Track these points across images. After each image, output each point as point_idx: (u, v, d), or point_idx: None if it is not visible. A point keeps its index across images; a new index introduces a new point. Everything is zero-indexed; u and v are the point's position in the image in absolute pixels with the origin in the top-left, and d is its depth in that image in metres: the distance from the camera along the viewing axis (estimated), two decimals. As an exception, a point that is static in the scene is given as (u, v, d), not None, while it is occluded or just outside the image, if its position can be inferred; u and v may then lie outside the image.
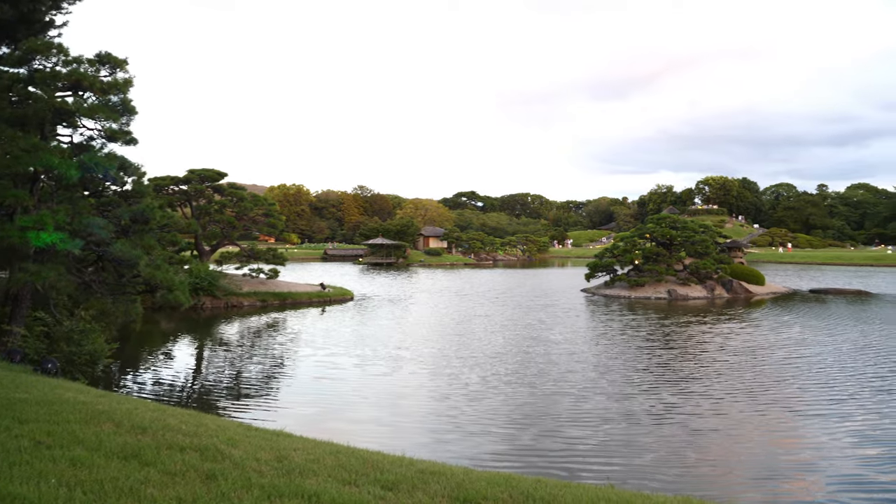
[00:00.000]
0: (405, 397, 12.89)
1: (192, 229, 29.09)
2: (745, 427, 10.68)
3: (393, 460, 6.57)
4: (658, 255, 37.21)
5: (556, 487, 6.06)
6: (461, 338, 20.08)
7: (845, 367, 15.63)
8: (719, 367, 15.63)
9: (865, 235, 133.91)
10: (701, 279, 36.27)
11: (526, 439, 9.96)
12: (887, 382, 13.84)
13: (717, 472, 8.81)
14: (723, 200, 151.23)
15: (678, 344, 19.10)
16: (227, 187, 33.27)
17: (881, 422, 10.91)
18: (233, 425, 8.01)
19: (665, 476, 8.58)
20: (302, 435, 8.06)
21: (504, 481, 5.98)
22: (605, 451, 9.45)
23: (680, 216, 49.66)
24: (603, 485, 7.36)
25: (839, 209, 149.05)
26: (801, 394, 12.90)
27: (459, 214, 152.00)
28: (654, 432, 10.30)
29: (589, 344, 18.89)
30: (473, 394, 12.88)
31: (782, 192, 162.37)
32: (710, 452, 9.51)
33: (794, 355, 17.23)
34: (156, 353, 17.59)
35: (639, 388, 13.36)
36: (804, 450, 9.47)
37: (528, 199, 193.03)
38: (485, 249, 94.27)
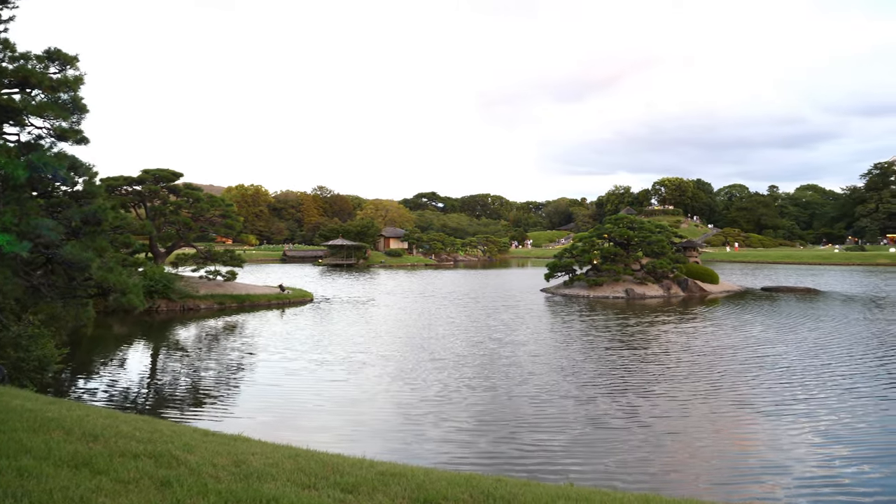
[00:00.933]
0: (366, 401, 12.68)
1: (146, 231, 28.42)
2: (710, 428, 10.76)
3: (353, 463, 6.52)
4: (616, 255, 37.77)
5: (517, 486, 6.10)
6: (423, 340, 19.97)
7: (807, 365, 15.92)
8: (682, 368, 15.76)
9: (814, 235, 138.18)
10: (657, 278, 36.96)
11: (488, 442, 9.88)
12: (848, 381, 14.08)
13: (682, 474, 8.80)
14: (678, 201, 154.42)
15: (640, 344, 19.35)
16: (183, 188, 32.61)
17: (845, 421, 11.06)
18: (189, 431, 7.85)
19: (628, 477, 8.61)
20: (260, 439, 7.95)
21: (465, 481, 5.99)
22: (568, 454, 9.43)
23: (637, 217, 50.42)
24: (563, 483, 7.43)
25: (789, 209, 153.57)
26: (765, 393, 13.08)
27: (420, 215, 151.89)
28: (617, 435, 10.28)
29: (551, 345, 18.91)
30: (436, 397, 12.76)
31: (735, 192, 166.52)
32: (674, 454, 9.53)
33: (757, 354, 17.54)
34: (109, 359, 17.13)
35: (602, 390, 13.35)
36: (769, 450, 9.57)
37: (488, 200, 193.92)
38: (445, 250, 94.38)
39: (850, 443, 9.89)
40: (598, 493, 6.38)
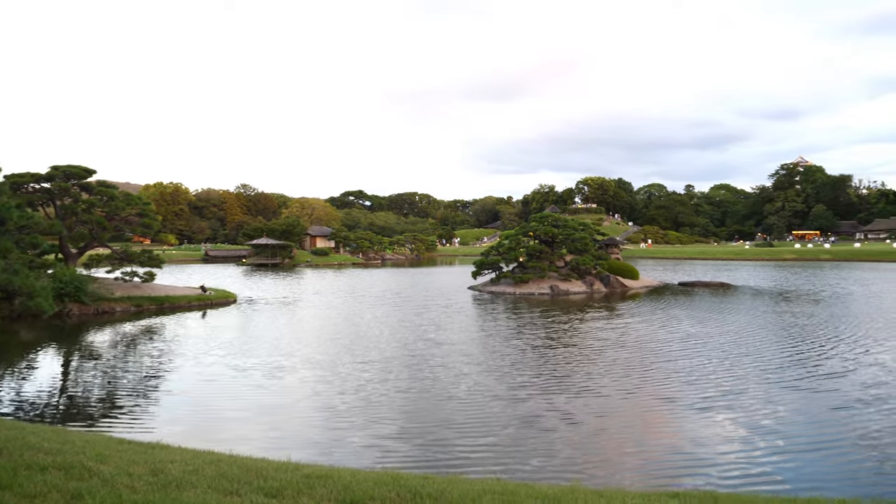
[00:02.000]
0: (291, 405, 12.25)
1: (55, 231, 26.94)
2: (637, 423, 10.87)
3: (277, 466, 6.40)
4: (541, 253, 38.51)
5: (444, 483, 6.13)
6: (350, 341, 19.63)
7: (728, 357, 16.40)
8: (607, 363, 15.96)
9: (727, 232, 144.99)
10: (581, 275, 37.91)
11: (417, 445, 9.68)
12: (776, 375, 14.40)
13: (609, 469, 8.81)
14: (601, 200, 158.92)
15: (567, 341, 19.61)
16: (97, 185, 31.12)
17: (769, 412, 11.34)
18: (103, 440, 7.51)
19: (555, 474, 8.64)
20: (180, 446, 7.70)
21: (392, 480, 5.98)
22: (497, 454, 9.28)
23: (561, 215, 51.58)
24: (490, 478, 7.51)
25: (704, 208, 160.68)
26: (691, 387, 13.30)
27: (347, 214, 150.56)
28: (546, 434, 10.23)
29: (480, 344, 18.82)
30: (364, 399, 12.45)
31: (654, 191, 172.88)
32: (602, 451, 9.57)
33: (680, 348, 18.02)
34: (14, 367, 16.11)
35: (532, 389, 13.20)
36: (695, 444, 9.68)
37: (415, 199, 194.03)
38: (373, 249, 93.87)
39: (773, 433, 10.29)
40: (523, 486, 6.49)
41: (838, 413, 11.20)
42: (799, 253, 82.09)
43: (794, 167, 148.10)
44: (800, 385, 13.44)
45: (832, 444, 9.56)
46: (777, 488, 7.88)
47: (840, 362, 15.63)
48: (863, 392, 12.62)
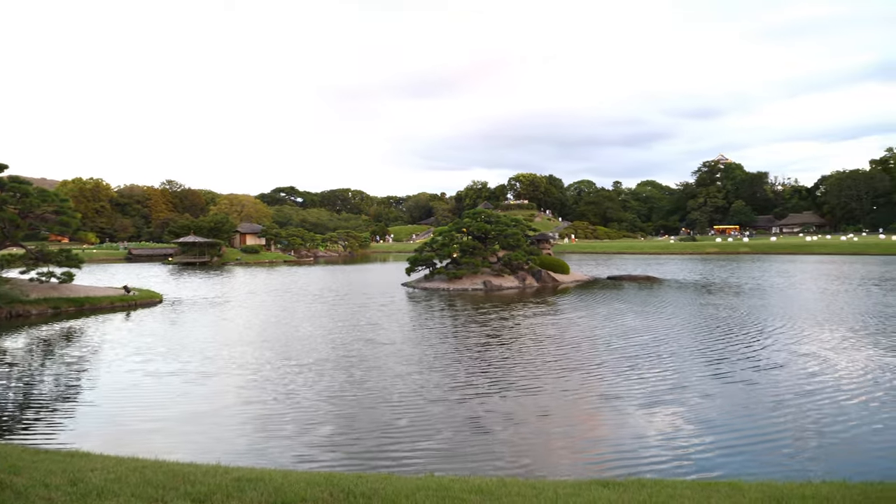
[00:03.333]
0: (220, 410, 11.76)
1: (-37, 230, 25.41)
2: (573, 421, 10.89)
3: (206, 470, 6.23)
4: (474, 249, 38.81)
5: (377, 481, 6.11)
6: (282, 342, 19.13)
7: (663, 353, 16.62)
8: (545, 360, 16.01)
9: (653, 227, 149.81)
10: (513, 270, 38.43)
11: (352, 450, 9.42)
12: (709, 369, 14.64)
13: (546, 466, 8.82)
14: (532, 196, 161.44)
15: (505, 338, 19.72)
16: (9, 181, 29.44)
17: (704, 406, 11.51)
18: (16, 451, 7.12)
19: (492, 472, 8.72)
20: (102, 453, 7.39)
21: (324, 480, 5.92)
22: (433, 459, 9.04)
23: (494, 211, 52.15)
24: (424, 474, 7.53)
25: (631, 204, 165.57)
26: (628, 382, 13.40)
27: (278, 210, 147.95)
28: (485, 437, 9.99)
29: (416, 344, 18.49)
30: (298, 403, 12.05)
31: (584, 188, 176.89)
32: (540, 450, 9.55)
33: (615, 343, 18.33)
34: (-82, 374, 15.11)
35: (469, 390, 12.97)
36: (633, 439, 9.75)
37: (348, 195, 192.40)
38: (305, 246, 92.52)
39: (706, 425, 10.62)
40: (458, 480, 6.54)
41: (770, 404, 11.60)
42: (720, 247, 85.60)
43: (716, 164, 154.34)
44: (732, 377, 13.85)
45: (765, 434, 9.90)
46: (707, 475, 8.09)
47: (771, 353, 16.16)
48: (796, 383, 13.10)
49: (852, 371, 13.91)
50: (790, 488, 5.86)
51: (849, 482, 6.49)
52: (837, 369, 14.07)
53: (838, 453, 8.97)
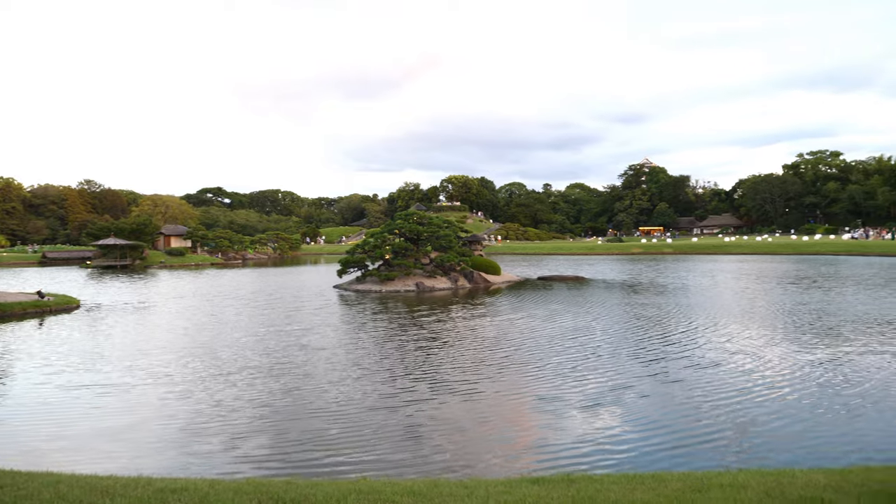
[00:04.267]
0: (142, 421, 11.14)
1: None
2: (515, 425, 10.83)
3: (127, 483, 5.97)
4: (407, 250, 38.77)
5: (308, 486, 6.01)
6: (210, 349, 18.43)
7: (593, 353, 16.91)
8: (483, 362, 15.97)
9: (582, 228, 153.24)
10: (446, 271, 38.60)
11: (282, 460, 9.12)
12: (644, 366, 14.94)
13: (481, 467, 8.80)
14: (465, 197, 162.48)
15: (438, 339, 19.72)
16: None
17: (645, 405, 11.68)
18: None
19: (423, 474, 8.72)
20: (13, 469, 6.99)
21: (253, 489, 5.78)
22: (365, 467, 8.77)
23: (426, 213, 52.17)
24: (355, 478, 7.46)
25: (561, 206, 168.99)
26: (570, 384, 13.39)
27: (205, 212, 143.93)
28: (420, 445, 9.78)
29: (349, 348, 18.02)
30: (224, 416, 11.43)
31: (515, 190, 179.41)
32: (476, 453, 9.47)
33: (558, 345, 18.44)
34: None
35: (405, 396, 12.63)
36: (575, 443, 9.77)
37: (279, 196, 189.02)
38: (233, 248, 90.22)
39: (638, 421, 10.93)
40: (389, 483, 6.51)
41: (698, 400, 11.98)
42: (645, 247, 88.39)
43: (641, 168, 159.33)
44: (663, 374, 14.25)
45: (693, 430, 10.24)
46: (636, 470, 8.23)
47: (701, 351, 16.63)
48: (723, 379, 13.58)
49: (778, 367, 14.53)
50: (709, 477, 6.10)
51: (763, 469, 6.81)
52: (764, 366, 14.67)
53: (763, 445, 9.40)
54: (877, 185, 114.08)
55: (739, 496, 5.07)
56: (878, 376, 13.27)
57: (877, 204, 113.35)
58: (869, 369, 13.89)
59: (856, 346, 16.46)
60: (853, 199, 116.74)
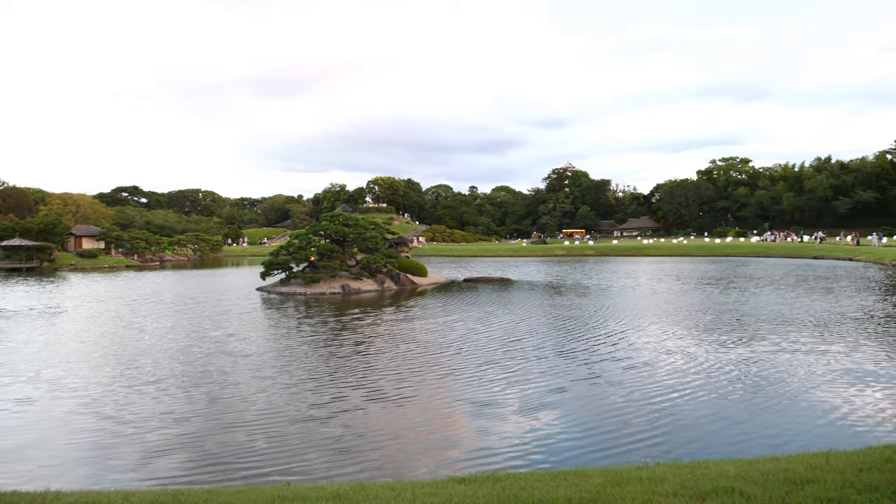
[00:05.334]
0: (47, 438, 10.31)
1: None
2: (443, 428, 10.80)
3: (31, 499, 5.65)
4: (332, 252, 38.33)
5: (231, 494, 5.87)
6: (124, 357, 17.42)
7: (518, 353, 17.19)
8: (412, 367, 15.92)
9: (507, 230, 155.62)
10: (372, 273, 38.37)
11: (201, 477, 8.62)
12: (573, 366, 15.17)
13: (409, 473, 8.76)
14: (391, 199, 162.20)
15: (370, 345, 19.45)
16: None
17: (571, 403, 11.87)
18: None
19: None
20: None
21: (171, 498, 5.59)
22: (290, 480, 8.30)
23: (353, 214, 51.82)
24: (280, 484, 7.31)
25: (487, 208, 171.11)
26: (499, 386, 13.45)
27: (120, 212, 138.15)
28: (349, 458, 9.43)
29: (273, 355, 17.22)
30: (140, 427, 10.75)
31: (441, 192, 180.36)
32: (411, 462, 9.33)
33: (485, 347, 18.60)
34: None
35: (334, 405, 12.06)
36: (504, 444, 9.83)
37: (199, 196, 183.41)
38: (150, 250, 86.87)
39: (560, 417, 11.14)
40: (314, 488, 6.42)
41: (623, 398, 12.33)
42: (568, 249, 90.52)
43: (564, 172, 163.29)
44: (589, 374, 14.57)
45: (616, 426, 10.55)
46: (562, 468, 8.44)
47: (626, 351, 17.10)
48: (648, 376, 14.08)
49: (698, 365, 15.08)
50: (629, 471, 6.31)
51: (679, 462, 7.09)
52: (686, 364, 15.19)
53: (682, 439, 9.81)
54: (782, 191, 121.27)
55: (656, 488, 5.26)
56: (787, 373, 14.02)
57: (782, 208, 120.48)
58: (779, 366, 14.64)
59: (768, 345, 17.28)
60: (761, 204, 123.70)
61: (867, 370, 14.10)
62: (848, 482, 5.15)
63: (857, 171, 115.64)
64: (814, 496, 4.83)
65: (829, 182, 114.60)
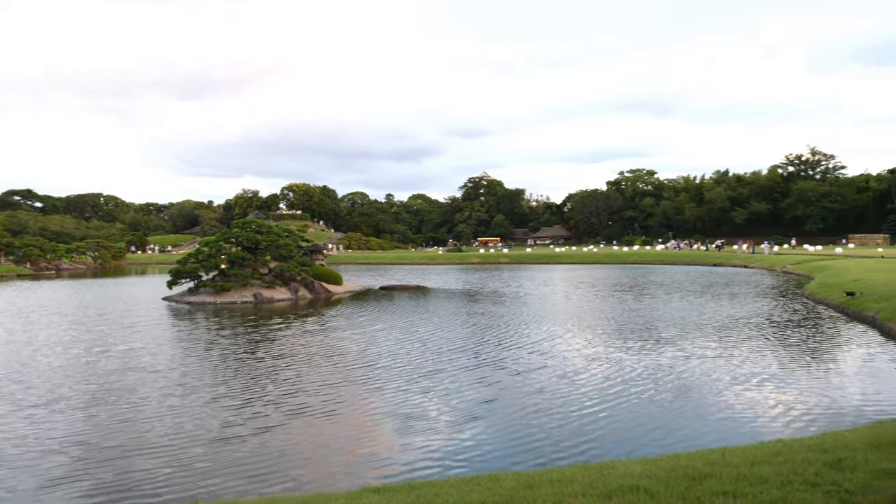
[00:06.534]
0: None
1: None
2: (359, 441, 10.61)
3: None
4: (244, 260, 37.31)
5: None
6: (13, 376, 16.03)
7: (432, 360, 17.31)
8: (327, 380, 15.47)
9: (423, 238, 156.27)
10: (285, 281, 37.59)
11: (104, 496, 8.14)
12: (495, 374, 15.40)
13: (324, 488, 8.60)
14: (306, 206, 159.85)
15: (285, 357, 18.92)
16: None
17: (485, 411, 12.01)
18: None
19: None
20: None
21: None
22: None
23: (266, 221, 50.60)
24: (185, 502, 7.03)
25: (403, 216, 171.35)
26: (417, 396, 13.34)
27: (11, 216, 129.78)
28: (261, 480, 8.88)
29: (179, 370, 16.17)
30: (28, 454, 9.82)
31: (358, 199, 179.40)
32: (328, 478, 9.14)
33: (388, 353, 18.64)
34: None
35: (249, 425, 11.42)
36: (421, 454, 9.84)
37: (100, 201, 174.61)
38: (45, 257, 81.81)
39: (477, 424, 11.20)
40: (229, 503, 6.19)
41: (538, 404, 12.59)
42: (483, 257, 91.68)
43: (480, 181, 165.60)
44: (501, 380, 14.84)
45: (532, 432, 10.73)
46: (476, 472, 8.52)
47: (537, 357, 17.43)
48: (564, 382, 14.48)
49: (617, 371, 15.58)
50: (540, 474, 6.44)
51: (589, 464, 7.31)
52: (603, 370, 15.64)
53: (594, 442, 10.14)
54: (684, 202, 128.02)
55: (566, 490, 5.39)
56: (695, 376, 14.69)
57: (685, 218, 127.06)
58: (689, 371, 15.27)
59: (678, 350, 17.97)
60: (665, 214, 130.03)
61: (764, 372, 14.99)
62: (741, 475, 5.45)
63: (752, 184, 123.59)
64: (710, 490, 5.08)
65: (727, 194, 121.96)
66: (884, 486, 4.90)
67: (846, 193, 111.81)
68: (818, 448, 6.39)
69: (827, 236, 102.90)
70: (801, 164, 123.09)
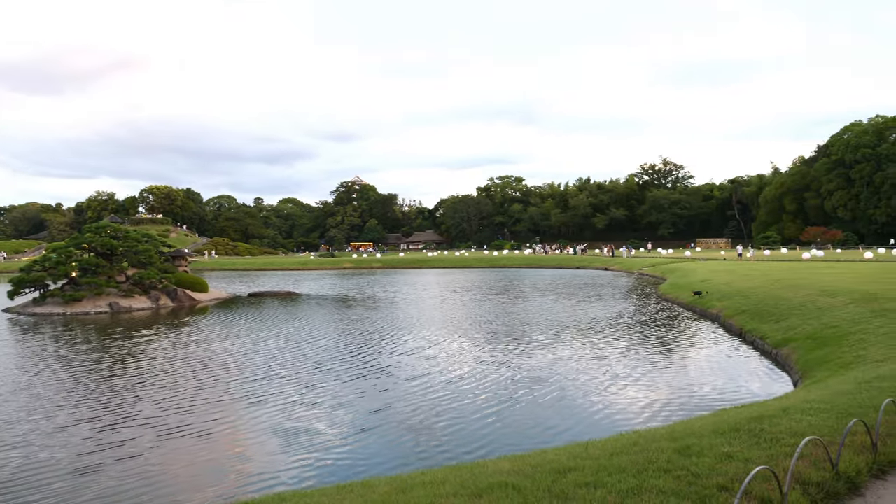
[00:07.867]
0: None
1: None
2: (226, 453, 10.32)
3: None
4: (98, 267, 34.76)
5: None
6: None
7: (299, 367, 17.11)
8: (191, 395, 14.46)
9: (294, 243, 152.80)
10: (145, 290, 35.45)
11: None
12: (370, 381, 15.28)
13: None
14: (168, 210, 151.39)
15: (143, 372, 17.66)
16: None
17: (361, 418, 11.99)
18: None
19: None
20: None
21: None
22: None
23: (123, 225, 47.48)
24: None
25: (273, 220, 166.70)
26: (292, 407, 13.02)
27: None
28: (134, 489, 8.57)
29: (23, 394, 14.48)
30: None
31: (224, 203, 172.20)
32: (196, 492, 8.81)
33: (260, 363, 18.12)
34: None
35: (103, 454, 10.28)
36: (294, 464, 9.65)
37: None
38: None
39: (347, 432, 11.10)
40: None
41: (410, 408, 12.69)
42: (356, 262, 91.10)
43: (352, 185, 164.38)
44: (375, 384, 14.90)
45: (405, 437, 10.84)
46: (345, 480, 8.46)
47: (419, 362, 17.59)
48: (440, 386, 14.65)
49: (492, 372, 15.97)
50: (414, 477, 6.51)
51: (461, 464, 7.47)
52: (478, 372, 15.99)
53: (465, 442, 10.40)
54: (550, 208, 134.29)
55: (438, 491, 5.48)
56: (565, 375, 15.44)
57: (551, 224, 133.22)
58: (562, 371, 16.01)
59: (550, 351, 18.79)
60: (533, 220, 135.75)
61: (627, 369, 16.05)
62: (602, 467, 5.79)
63: (612, 192, 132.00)
64: (574, 482, 5.36)
65: (589, 201, 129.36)
66: (725, 469, 5.40)
67: (694, 201, 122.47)
68: (669, 437, 6.91)
69: (678, 240, 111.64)
70: (655, 174, 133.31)
